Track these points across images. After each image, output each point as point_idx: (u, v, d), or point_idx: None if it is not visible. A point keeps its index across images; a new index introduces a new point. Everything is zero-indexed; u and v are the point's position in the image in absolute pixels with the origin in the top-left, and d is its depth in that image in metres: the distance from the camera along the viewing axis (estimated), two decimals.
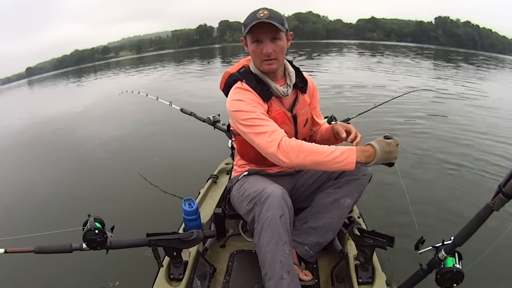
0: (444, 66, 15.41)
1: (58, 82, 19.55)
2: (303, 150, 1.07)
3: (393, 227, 2.22)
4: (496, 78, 12.96)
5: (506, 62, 23.22)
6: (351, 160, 1.05)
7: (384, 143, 1.05)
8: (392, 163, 1.08)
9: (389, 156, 1.05)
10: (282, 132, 1.15)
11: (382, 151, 1.04)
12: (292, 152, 1.08)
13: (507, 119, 5.36)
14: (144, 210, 2.69)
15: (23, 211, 2.91)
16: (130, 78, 15.35)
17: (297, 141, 1.11)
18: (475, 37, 54.27)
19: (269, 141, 1.11)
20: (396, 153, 1.06)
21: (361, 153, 1.06)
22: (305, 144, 1.09)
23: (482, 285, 1.74)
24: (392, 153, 1.05)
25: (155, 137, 4.96)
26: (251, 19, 1.13)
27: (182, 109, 2.70)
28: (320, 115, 1.50)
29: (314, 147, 1.08)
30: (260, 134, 1.14)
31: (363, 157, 1.05)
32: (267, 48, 1.16)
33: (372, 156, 1.05)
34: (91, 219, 1.09)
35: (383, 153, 1.04)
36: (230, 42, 62.56)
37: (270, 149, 1.11)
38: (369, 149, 1.06)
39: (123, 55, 61.93)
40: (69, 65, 46.77)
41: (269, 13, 1.12)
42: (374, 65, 14.97)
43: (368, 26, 63.04)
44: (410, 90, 3.72)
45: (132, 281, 1.86)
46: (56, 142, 5.30)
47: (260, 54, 1.17)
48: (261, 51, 1.17)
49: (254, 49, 1.18)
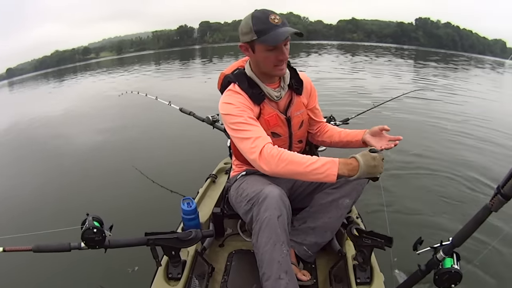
0: (434, 67, 15.64)
1: (43, 83, 19.04)
2: (283, 159, 1.05)
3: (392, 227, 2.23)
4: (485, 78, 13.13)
5: (485, 62, 23.59)
6: (332, 173, 1.01)
7: (369, 157, 1.02)
8: (377, 177, 1.05)
9: (373, 170, 1.02)
10: (267, 139, 1.12)
11: (366, 165, 1.01)
12: (272, 161, 1.06)
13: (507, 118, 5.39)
14: (143, 210, 2.69)
15: (22, 210, 2.90)
16: (119, 78, 15.23)
17: (279, 149, 1.08)
18: (455, 38, 54.38)
19: (252, 147, 1.10)
20: (381, 168, 1.03)
21: (344, 165, 1.02)
22: (286, 153, 1.06)
23: (480, 286, 1.75)
24: (377, 168, 1.02)
25: (154, 137, 4.96)
26: (266, 25, 1.08)
27: (181, 109, 2.69)
28: (320, 115, 1.48)
29: (294, 157, 1.05)
30: (244, 140, 1.13)
31: (346, 170, 1.02)
32: (284, 55, 1.14)
33: (355, 169, 1.02)
34: (89, 218, 1.09)
35: (367, 167, 1.01)
36: (211, 43, 62.57)
37: (252, 156, 1.10)
38: (353, 162, 1.03)
39: (103, 55, 61.04)
40: (50, 66, 45.91)
41: (281, 18, 1.09)
42: (354, 65, 15.18)
43: (349, 27, 63.07)
44: (411, 90, 3.72)
45: (130, 281, 1.86)
46: (55, 141, 5.28)
47: (275, 60, 1.15)
48: (275, 57, 1.14)
49: (268, 56, 1.14)
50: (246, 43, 1.16)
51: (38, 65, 55.70)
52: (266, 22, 1.09)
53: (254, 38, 1.11)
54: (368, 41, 55.19)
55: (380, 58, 19.76)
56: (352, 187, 1.27)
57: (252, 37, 1.11)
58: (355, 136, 1.34)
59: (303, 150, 1.47)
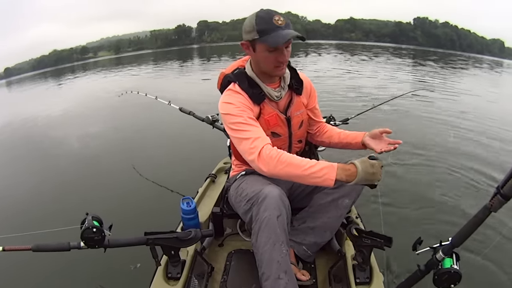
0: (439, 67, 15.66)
1: (42, 83, 18.91)
2: (282, 161, 1.04)
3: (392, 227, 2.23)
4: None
5: (484, 61, 23.78)
6: (329, 177, 1.01)
7: (367, 164, 1.02)
8: (375, 185, 1.05)
9: (371, 177, 1.02)
10: (266, 139, 1.12)
11: (365, 172, 1.01)
12: (271, 162, 1.06)
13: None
14: (142, 209, 2.68)
15: (21, 210, 2.90)
16: (116, 77, 15.20)
17: (278, 151, 1.08)
18: (453, 38, 54.45)
19: (251, 147, 1.10)
20: (380, 175, 1.03)
21: (342, 171, 1.01)
22: (285, 155, 1.06)
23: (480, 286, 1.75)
24: (375, 175, 1.02)
25: (154, 136, 4.95)
26: (269, 25, 1.08)
27: (181, 108, 2.69)
28: (320, 115, 1.48)
29: (293, 160, 1.05)
30: (243, 140, 1.13)
31: (344, 175, 1.01)
32: (285, 57, 1.14)
33: (353, 175, 1.01)
34: (89, 218, 1.09)
35: (366, 174, 1.01)
36: (209, 42, 62.61)
37: (250, 156, 1.10)
38: (351, 168, 1.02)
39: (101, 55, 60.81)
40: (48, 66, 45.49)
41: (285, 20, 1.09)
42: (353, 65, 15.21)
43: (347, 27, 63.16)
44: (411, 91, 3.73)
45: (130, 280, 1.86)
46: (54, 141, 5.28)
47: (274, 61, 1.15)
48: (275, 58, 1.14)
49: (268, 56, 1.14)
50: (247, 41, 1.16)
51: (36, 64, 55.34)
52: (269, 22, 1.08)
53: (255, 37, 1.11)
54: (366, 40, 55.33)
55: (379, 58, 19.90)
56: (352, 187, 1.26)
57: (254, 36, 1.11)
58: (355, 138, 1.34)
59: (302, 150, 1.47)
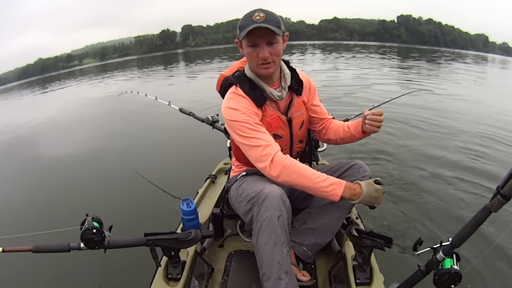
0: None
1: (31, 91, 18.85)
2: (295, 170, 1.10)
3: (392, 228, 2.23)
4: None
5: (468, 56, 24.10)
6: (337, 193, 1.08)
7: (372, 188, 1.10)
8: (374, 206, 1.14)
9: (372, 200, 1.11)
10: (276, 146, 1.15)
11: (368, 195, 1.09)
12: (285, 170, 1.11)
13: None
14: (142, 210, 2.68)
15: (21, 211, 2.90)
16: (105, 82, 15.24)
17: (291, 159, 1.12)
18: (437, 34, 55.13)
19: (263, 155, 1.13)
20: (381, 200, 1.11)
21: (348, 190, 1.09)
22: (298, 165, 1.12)
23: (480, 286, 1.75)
24: (377, 199, 1.11)
25: (153, 137, 4.95)
26: (246, 21, 1.11)
27: (181, 109, 2.69)
28: (323, 111, 1.45)
29: (306, 172, 1.10)
30: (254, 147, 1.15)
31: (349, 193, 1.09)
32: (264, 52, 1.14)
33: (357, 195, 1.09)
34: (89, 219, 1.09)
35: (369, 197, 1.09)
36: (193, 46, 63.02)
37: (262, 164, 1.13)
38: (357, 188, 1.10)
39: (87, 62, 61.29)
40: (34, 74, 45.90)
41: (265, 16, 1.10)
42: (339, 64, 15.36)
43: (331, 27, 63.84)
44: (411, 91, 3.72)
45: (130, 281, 1.86)
46: (53, 143, 5.28)
47: (256, 58, 1.16)
48: (257, 55, 1.15)
49: (250, 53, 1.16)
50: (238, 41, 1.21)
51: (22, 73, 55.39)
52: (248, 19, 1.12)
53: (238, 34, 1.16)
54: (350, 39, 55.53)
55: (365, 58, 19.90)
56: None
57: (238, 33, 1.16)
58: (355, 128, 1.34)
59: (303, 150, 1.48)
